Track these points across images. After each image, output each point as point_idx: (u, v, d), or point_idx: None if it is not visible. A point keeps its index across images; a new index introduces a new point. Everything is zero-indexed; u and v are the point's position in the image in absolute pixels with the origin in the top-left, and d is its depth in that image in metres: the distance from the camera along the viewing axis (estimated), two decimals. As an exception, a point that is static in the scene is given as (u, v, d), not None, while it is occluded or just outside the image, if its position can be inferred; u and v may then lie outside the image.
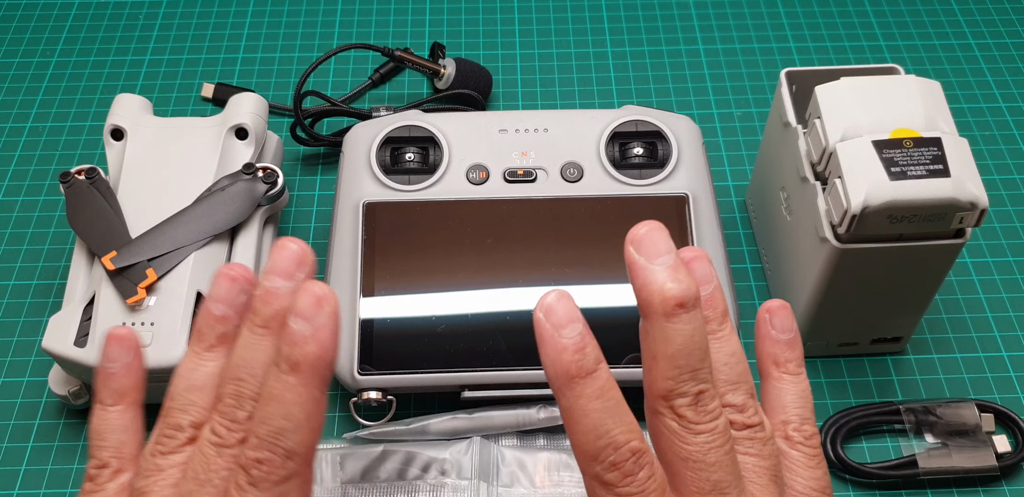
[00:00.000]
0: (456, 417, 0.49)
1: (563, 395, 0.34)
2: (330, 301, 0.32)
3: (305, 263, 0.34)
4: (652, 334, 0.34)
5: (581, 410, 0.33)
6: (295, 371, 0.32)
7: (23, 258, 0.60)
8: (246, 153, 0.55)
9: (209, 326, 0.35)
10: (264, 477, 0.31)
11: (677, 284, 0.34)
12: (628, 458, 0.33)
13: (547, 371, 0.34)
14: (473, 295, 0.51)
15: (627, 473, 0.32)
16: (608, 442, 0.33)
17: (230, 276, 0.35)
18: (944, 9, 0.75)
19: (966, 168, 0.45)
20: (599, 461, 0.33)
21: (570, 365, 0.34)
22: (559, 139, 0.55)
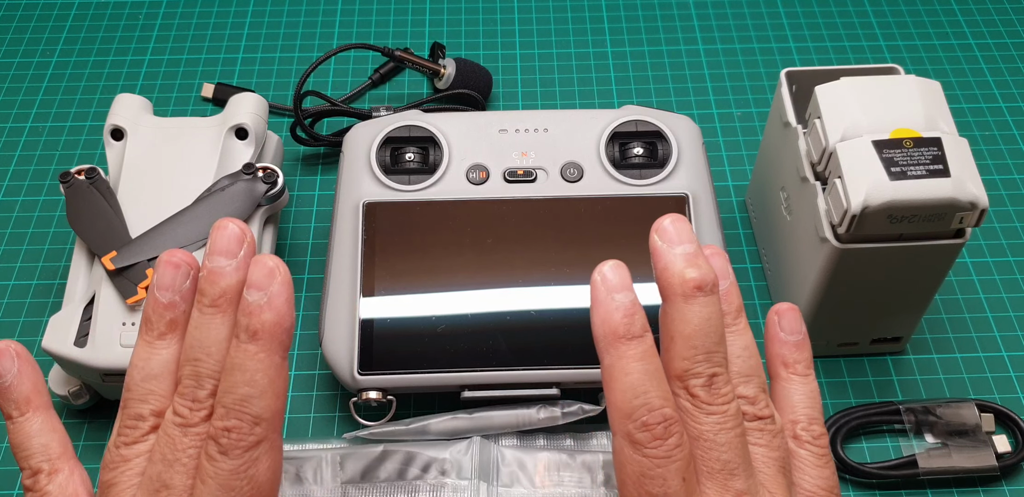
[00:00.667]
0: (456, 417, 0.49)
1: (607, 353, 0.35)
2: (281, 271, 0.34)
3: (245, 241, 0.35)
4: (671, 315, 0.35)
5: (623, 369, 0.34)
6: (254, 339, 0.33)
7: (23, 258, 0.60)
8: (246, 153, 0.55)
9: (158, 314, 0.35)
10: (234, 444, 0.32)
11: (696, 269, 0.35)
12: (661, 421, 0.33)
13: (595, 330, 0.35)
14: (473, 295, 0.51)
15: (657, 436, 0.33)
16: (644, 402, 0.33)
17: (172, 262, 0.36)
18: (944, 9, 0.75)
19: (966, 168, 0.45)
20: (632, 419, 0.33)
21: (619, 325, 0.35)
22: (559, 139, 0.55)
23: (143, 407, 0.35)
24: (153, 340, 0.35)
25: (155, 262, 0.36)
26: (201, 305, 0.34)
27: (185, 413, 0.34)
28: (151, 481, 0.33)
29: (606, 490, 0.47)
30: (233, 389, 0.33)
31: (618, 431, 0.34)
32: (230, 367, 0.33)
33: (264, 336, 0.33)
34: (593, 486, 0.47)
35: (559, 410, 0.49)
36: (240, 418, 0.33)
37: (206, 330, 0.34)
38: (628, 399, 0.34)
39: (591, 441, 0.50)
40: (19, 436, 0.36)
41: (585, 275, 0.51)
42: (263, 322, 0.33)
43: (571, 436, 0.50)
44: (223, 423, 0.33)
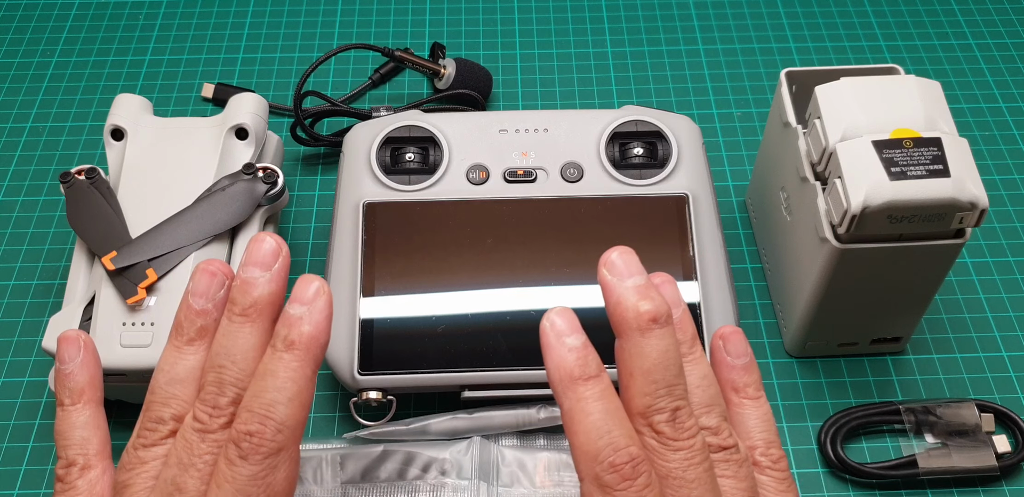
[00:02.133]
0: (456, 417, 0.49)
1: (565, 397, 0.34)
2: (325, 290, 0.35)
3: (280, 255, 0.36)
4: (627, 350, 0.35)
5: (583, 411, 0.34)
6: (290, 349, 0.34)
7: (23, 258, 0.60)
8: (246, 153, 0.55)
9: (189, 320, 0.36)
10: (254, 449, 0.32)
11: (650, 301, 0.35)
12: (628, 461, 0.33)
13: (551, 375, 0.35)
14: (473, 295, 0.51)
15: (625, 476, 0.33)
16: (609, 442, 0.33)
17: (209, 271, 0.36)
18: (944, 9, 0.75)
19: (966, 168, 0.45)
20: (599, 461, 0.33)
21: (574, 368, 0.34)
22: (559, 139, 0.55)
23: (164, 411, 0.35)
24: (182, 345, 0.36)
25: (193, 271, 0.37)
26: (231, 314, 0.35)
27: (205, 419, 0.34)
28: (165, 484, 0.33)
29: None
30: (261, 394, 0.33)
31: (585, 475, 0.33)
32: (261, 373, 0.34)
33: (300, 347, 0.34)
34: (593, 486, 0.47)
35: (559, 410, 0.49)
36: (264, 423, 0.33)
37: (233, 338, 0.35)
38: (592, 440, 0.33)
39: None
40: (64, 425, 0.37)
41: (585, 275, 0.51)
42: (301, 334, 0.34)
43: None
44: (246, 427, 0.33)
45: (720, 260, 0.52)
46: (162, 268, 0.50)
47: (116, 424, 0.53)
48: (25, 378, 0.55)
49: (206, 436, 0.34)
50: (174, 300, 0.49)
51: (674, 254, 0.51)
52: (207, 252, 0.51)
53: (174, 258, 0.50)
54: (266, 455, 0.33)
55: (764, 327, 0.57)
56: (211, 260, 0.36)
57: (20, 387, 0.55)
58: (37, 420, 0.53)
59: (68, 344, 0.38)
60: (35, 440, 0.52)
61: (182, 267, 0.50)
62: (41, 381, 0.55)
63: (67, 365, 0.37)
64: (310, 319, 0.34)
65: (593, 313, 0.50)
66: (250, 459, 0.32)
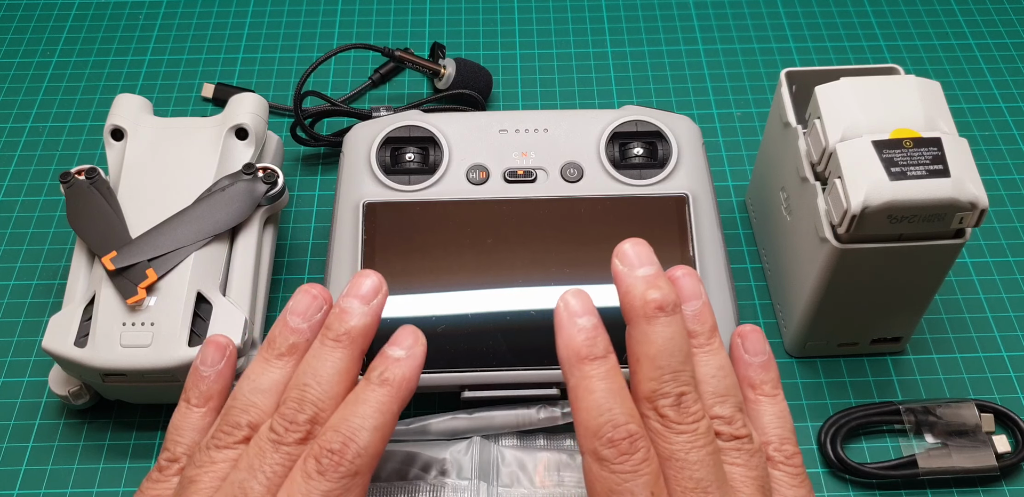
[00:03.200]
0: (456, 417, 0.49)
1: (571, 374, 0.36)
2: (422, 341, 0.38)
3: (380, 293, 0.39)
4: (635, 337, 0.36)
5: (586, 388, 0.35)
6: (384, 384, 0.36)
7: (23, 258, 0.60)
8: (246, 153, 0.55)
9: (283, 336, 0.38)
10: (333, 467, 0.34)
11: (657, 290, 0.37)
12: (625, 437, 0.34)
13: (560, 353, 0.36)
14: (473, 295, 0.51)
15: (623, 451, 0.34)
16: (608, 419, 0.34)
17: (311, 293, 0.39)
18: (944, 9, 0.75)
19: (966, 168, 0.45)
20: (598, 437, 0.34)
21: (581, 347, 0.36)
22: (559, 139, 0.55)
23: (242, 417, 0.37)
24: (271, 358, 0.38)
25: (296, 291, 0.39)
26: (325, 338, 0.37)
27: (280, 431, 0.35)
28: (231, 486, 0.35)
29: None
30: (350, 418, 0.35)
31: (585, 450, 0.35)
32: (353, 400, 0.36)
33: (393, 385, 0.36)
34: (593, 486, 0.47)
35: (559, 410, 0.49)
36: (347, 444, 0.34)
37: (322, 361, 0.37)
38: (593, 417, 0.35)
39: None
40: (183, 422, 0.39)
41: (585, 275, 0.51)
42: (395, 374, 0.36)
43: (571, 436, 0.50)
44: (330, 445, 0.34)
45: (720, 260, 0.52)
46: (162, 268, 0.50)
47: (116, 424, 0.53)
48: (25, 378, 0.55)
49: (279, 447, 0.35)
50: (174, 300, 0.49)
51: (674, 254, 0.51)
52: (207, 252, 0.51)
53: (174, 258, 0.50)
54: (343, 475, 0.34)
55: (764, 327, 0.57)
56: (314, 284, 0.39)
57: (20, 387, 0.55)
58: (37, 420, 0.53)
59: (214, 349, 0.40)
60: (35, 440, 0.52)
61: (182, 267, 0.50)
62: (41, 381, 0.55)
63: (207, 369, 0.39)
64: (408, 364, 0.37)
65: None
66: (327, 475, 0.34)
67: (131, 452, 0.52)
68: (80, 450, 0.52)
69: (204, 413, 0.39)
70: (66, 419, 0.53)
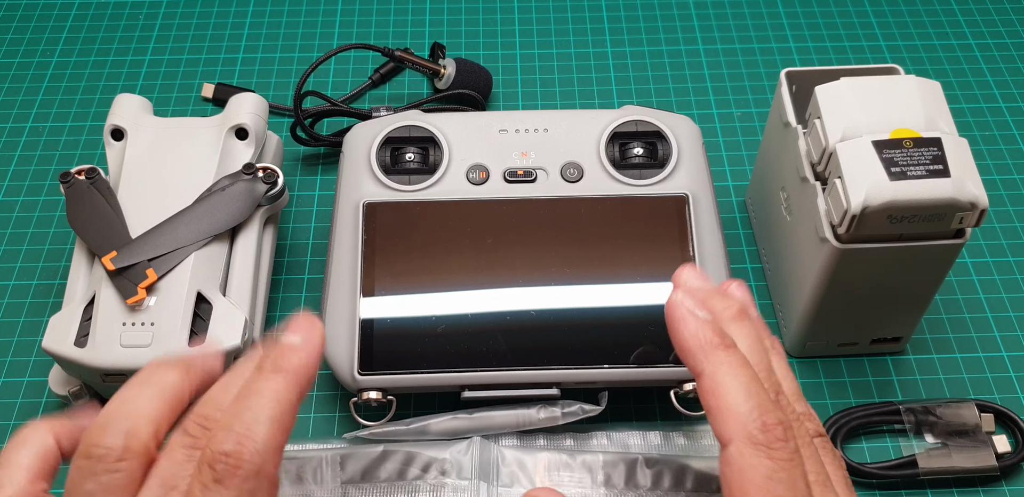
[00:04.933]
0: (456, 417, 0.49)
1: (708, 361, 0.35)
2: (320, 327, 0.34)
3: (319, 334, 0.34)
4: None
5: (730, 374, 0.34)
6: (278, 371, 0.32)
7: (23, 258, 0.60)
8: (246, 153, 0.55)
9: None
10: (231, 472, 0.30)
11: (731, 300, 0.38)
12: (778, 423, 0.33)
13: (686, 343, 0.35)
14: (473, 295, 0.51)
15: (779, 437, 0.33)
16: (758, 403, 0.33)
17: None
18: (944, 9, 0.75)
19: (966, 168, 0.45)
20: (751, 420, 0.33)
21: (712, 335, 0.35)
22: (559, 139, 0.55)
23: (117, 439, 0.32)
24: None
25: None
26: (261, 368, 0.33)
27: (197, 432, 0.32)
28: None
29: (606, 490, 0.47)
30: (242, 412, 0.31)
31: (736, 436, 0.33)
32: (245, 393, 0.32)
33: (289, 372, 0.32)
34: (593, 486, 0.47)
35: (559, 410, 0.49)
36: (242, 443, 0.30)
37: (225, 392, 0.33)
38: (742, 401, 0.33)
39: (591, 441, 0.50)
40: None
41: (585, 275, 0.51)
42: (290, 360, 0.33)
43: (571, 436, 0.50)
44: (222, 446, 0.30)
45: (720, 260, 0.52)
46: (162, 268, 0.50)
47: (116, 424, 0.53)
48: (25, 378, 0.55)
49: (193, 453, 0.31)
50: (174, 300, 0.49)
51: (674, 254, 0.51)
52: (207, 252, 0.51)
53: (174, 258, 0.50)
54: (243, 479, 0.30)
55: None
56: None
57: (20, 387, 0.55)
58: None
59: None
60: (35, 440, 0.52)
61: (182, 267, 0.50)
62: (41, 381, 0.54)
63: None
64: (304, 348, 0.33)
65: (593, 314, 0.50)
66: (226, 483, 0.30)
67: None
68: (80, 450, 0.52)
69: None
70: (66, 419, 0.53)
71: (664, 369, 0.49)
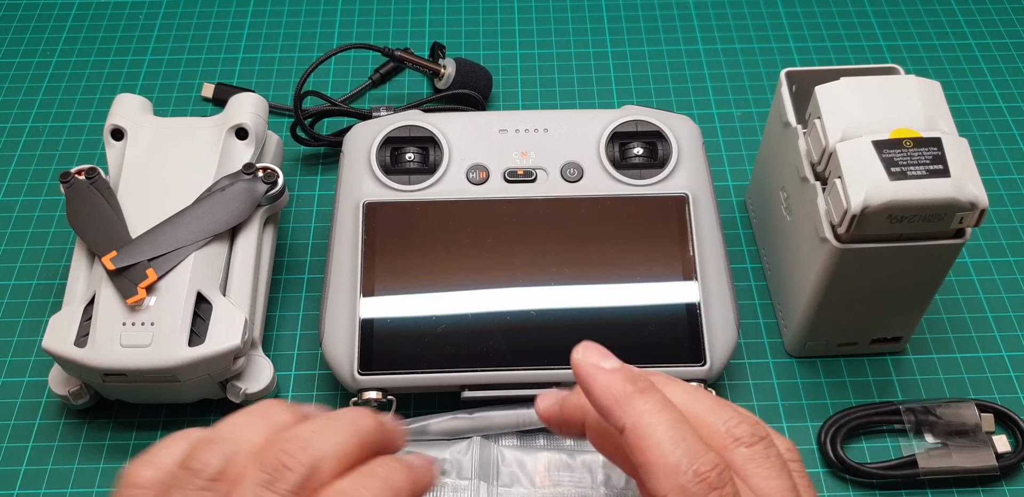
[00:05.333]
0: (456, 417, 0.49)
1: (625, 415, 0.33)
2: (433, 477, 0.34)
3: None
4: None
5: (649, 423, 0.32)
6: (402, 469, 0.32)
7: (23, 258, 0.60)
8: (246, 153, 0.55)
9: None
10: None
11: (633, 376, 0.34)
12: (711, 468, 0.31)
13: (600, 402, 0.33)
14: (473, 295, 0.51)
15: (713, 485, 0.31)
16: (686, 451, 0.31)
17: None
18: (944, 9, 0.75)
19: (966, 168, 0.45)
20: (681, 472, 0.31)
21: (624, 386, 0.33)
22: (559, 139, 0.55)
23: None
24: None
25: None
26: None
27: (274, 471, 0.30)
28: None
29: (606, 490, 0.47)
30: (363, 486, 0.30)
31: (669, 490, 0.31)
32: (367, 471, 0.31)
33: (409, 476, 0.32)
34: (593, 486, 0.47)
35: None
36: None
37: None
38: (668, 452, 0.31)
39: (591, 441, 0.50)
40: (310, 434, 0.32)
41: (585, 275, 0.51)
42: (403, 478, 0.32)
43: (571, 436, 0.50)
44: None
45: (720, 260, 0.52)
46: (162, 268, 0.50)
47: (116, 424, 0.53)
48: (25, 378, 0.55)
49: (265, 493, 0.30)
50: (174, 300, 0.49)
51: (674, 254, 0.51)
52: (207, 252, 0.51)
53: (174, 258, 0.50)
54: None
55: (764, 327, 0.57)
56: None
57: (20, 387, 0.55)
58: (37, 420, 0.53)
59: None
60: (35, 440, 0.52)
61: (182, 267, 0.50)
62: (41, 381, 0.54)
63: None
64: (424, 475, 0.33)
65: (593, 313, 0.50)
66: None
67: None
68: (80, 450, 0.52)
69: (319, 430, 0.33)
70: (66, 419, 0.53)
71: (664, 369, 0.49)
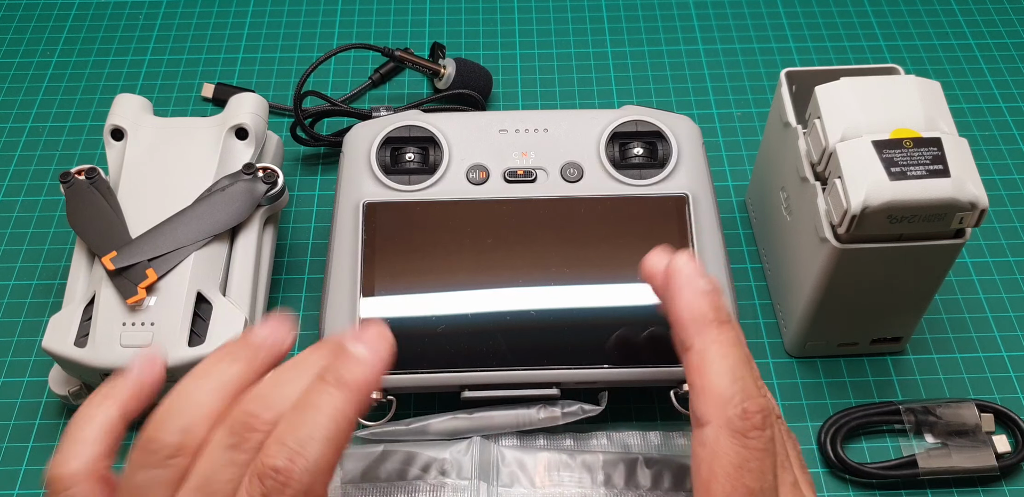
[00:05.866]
0: (456, 417, 0.49)
1: (699, 337, 0.33)
2: (389, 339, 0.33)
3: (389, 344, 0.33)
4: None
5: (719, 352, 0.33)
6: (341, 387, 0.31)
7: (23, 258, 0.60)
8: (246, 153, 0.55)
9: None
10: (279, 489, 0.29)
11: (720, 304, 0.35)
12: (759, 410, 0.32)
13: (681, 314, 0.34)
14: (473, 295, 0.51)
15: (756, 425, 0.32)
16: (743, 388, 0.32)
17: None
18: (944, 9, 0.75)
19: (966, 168, 0.45)
20: (732, 405, 0.32)
21: (709, 310, 0.34)
22: (559, 139, 0.55)
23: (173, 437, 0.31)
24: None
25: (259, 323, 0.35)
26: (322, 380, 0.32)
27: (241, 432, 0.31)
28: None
29: (606, 490, 0.47)
30: (298, 428, 0.30)
31: (715, 418, 0.32)
32: (303, 405, 0.31)
33: (352, 387, 0.31)
34: (593, 486, 0.47)
35: (559, 410, 0.49)
36: (293, 460, 0.29)
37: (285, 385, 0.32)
38: (727, 384, 0.32)
39: (591, 441, 0.50)
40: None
41: (585, 275, 0.51)
42: (355, 374, 0.31)
43: (571, 436, 0.50)
44: (273, 461, 0.29)
45: (720, 260, 0.52)
46: (162, 268, 0.50)
47: (116, 424, 0.53)
48: (25, 378, 0.55)
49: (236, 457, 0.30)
50: (174, 300, 0.49)
51: (674, 254, 0.51)
52: (207, 252, 0.51)
53: (174, 258, 0.50)
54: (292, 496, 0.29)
55: (764, 327, 0.57)
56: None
57: (20, 387, 0.55)
58: (37, 420, 0.53)
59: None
60: (35, 440, 0.52)
61: (182, 267, 0.50)
62: (41, 381, 0.55)
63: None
64: (372, 364, 0.32)
65: (593, 313, 0.50)
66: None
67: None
68: (80, 450, 0.52)
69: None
70: (66, 419, 0.53)
71: (664, 369, 0.49)
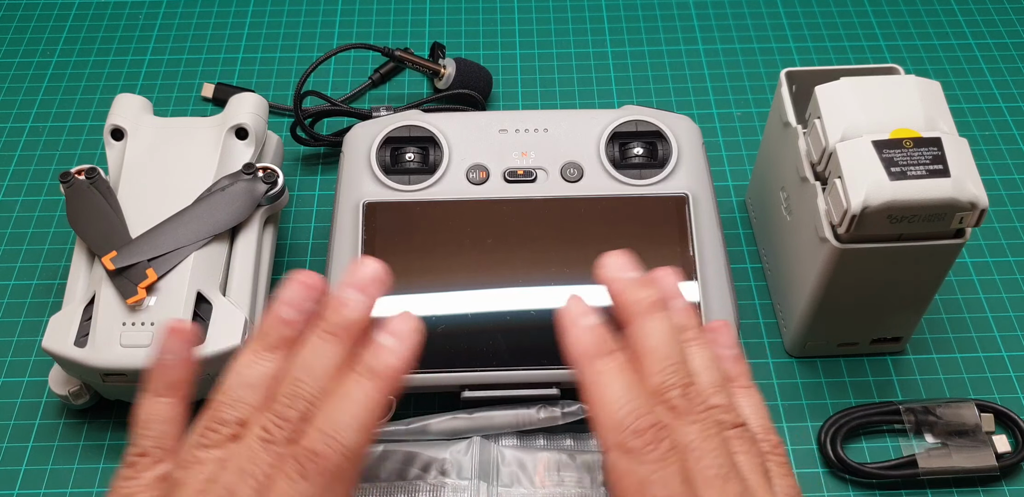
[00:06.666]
0: (456, 417, 0.49)
1: (585, 372, 0.36)
2: (418, 328, 0.36)
3: (380, 282, 0.37)
4: (634, 334, 0.37)
5: (601, 383, 0.35)
6: (373, 377, 0.35)
7: (23, 258, 0.60)
8: (246, 153, 0.55)
9: (275, 328, 0.37)
10: (317, 470, 0.33)
11: (648, 289, 0.38)
12: (650, 426, 0.34)
13: (571, 351, 0.37)
14: (473, 295, 0.51)
15: (650, 441, 0.34)
16: (631, 410, 0.34)
17: (304, 283, 0.37)
18: (944, 9, 0.75)
19: (966, 168, 0.45)
20: (622, 429, 0.34)
21: (590, 345, 0.36)
22: (559, 139, 0.55)
23: (230, 413, 0.35)
24: (261, 350, 0.37)
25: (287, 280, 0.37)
26: (320, 330, 0.36)
27: (272, 429, 0.34)
28: (220, 488, 0.34)
29: (606, 490, 0.47)
30: (334, 415, 0.34)
31: (610, 445, 0.34)
32: (341, 395, 0.34)
33: (383, 378, 0.35)
34: (593, 486, 0.47)
35: (559, 410, 0.49)
36: (330, 445, 0.33)
37: (317, 354, 0.35)
38: (614, 410, 0.34)
39: (591, 441, 0.50)
40: (149, 414, 0.37)
41: (585, 275, 0.51)
42: (387, 365, 0.35)
43: (571, 436, 0.50)
44: (313, 446, 0.33)
45: (720, 260, 0.52)
46: (162, 268, 0.50)
47: (116, 424, 0.53)
48: (25, 378, 0.55)
49: (269, 447, 0.34)
50: (174, 300, 0.49)
51: (674, 254, 0.51)
52: (207, 252, 0.51)
53: (174, 258, 0.50)
54: (328, 478, 0.33)
55: (764, 327, 0.57)
56: (307, 272, 0.37)
57: (20, 387, 0.55)
58: (37, 420, 0.53)
59: (176, 337, 0.38)
60: (35, 440, 0.52)
61: (182, 267, 0.50)
62: (41, 381, 0.55)
63: (169, 356, 0.38)
64: (399, 353, 0.35)
65: (595, 312, 0.50)
66: (310, 479, 0.33)
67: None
68: (80, 450, 0.52)
69: (172, 403, 0.37)
70: (66, 419, 0.53)
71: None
